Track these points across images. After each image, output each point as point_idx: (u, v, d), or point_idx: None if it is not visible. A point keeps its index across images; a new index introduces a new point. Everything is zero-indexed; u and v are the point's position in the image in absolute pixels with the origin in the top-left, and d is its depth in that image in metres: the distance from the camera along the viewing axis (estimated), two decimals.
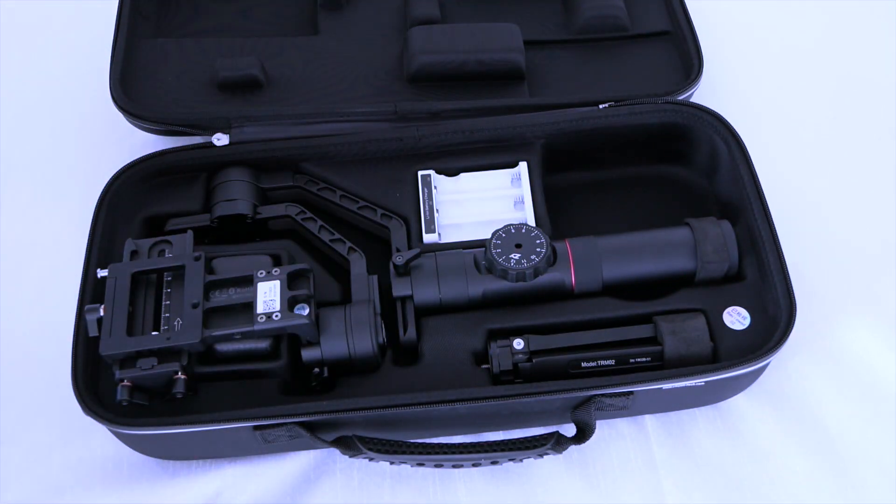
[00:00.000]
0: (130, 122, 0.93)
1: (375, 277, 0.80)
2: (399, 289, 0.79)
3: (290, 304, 0.73)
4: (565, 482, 0.78)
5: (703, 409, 0.81)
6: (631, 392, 0.73)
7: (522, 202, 0.86)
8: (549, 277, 0.79)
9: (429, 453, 0.72)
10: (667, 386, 0.73)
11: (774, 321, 0.76)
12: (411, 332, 0.78)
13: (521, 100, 0.94)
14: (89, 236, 0.82)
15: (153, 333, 0.72)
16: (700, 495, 0.77)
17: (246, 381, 0.75)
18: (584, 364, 0.75)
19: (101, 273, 0.76)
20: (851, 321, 0.86)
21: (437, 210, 0.86)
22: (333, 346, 0.75)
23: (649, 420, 0.81)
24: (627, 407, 0.76)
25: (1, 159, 0.99)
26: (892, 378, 0.82)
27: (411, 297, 0.79)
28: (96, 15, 1.07)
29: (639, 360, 0.76)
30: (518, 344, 0.75)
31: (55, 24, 1.11)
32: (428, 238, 0.84)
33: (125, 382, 0.71)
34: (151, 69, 0.96)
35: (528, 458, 0.75)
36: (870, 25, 1.09)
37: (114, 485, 0.78)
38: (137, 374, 0.71)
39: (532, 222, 0.84)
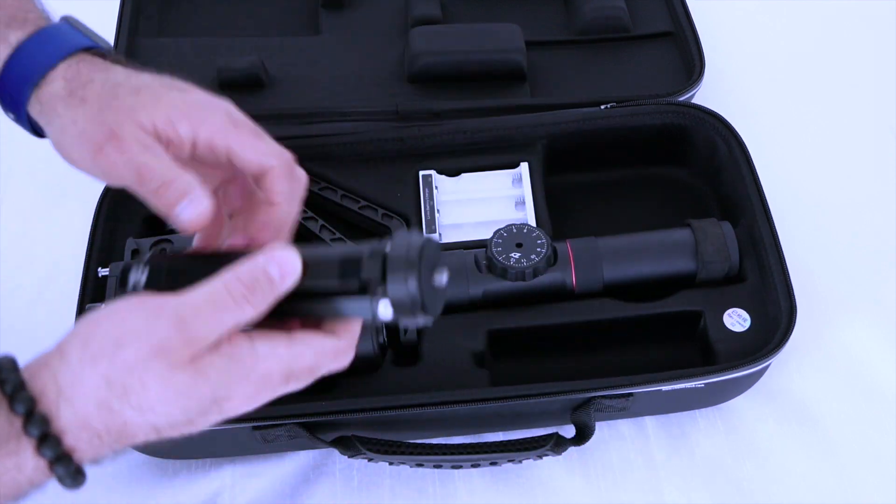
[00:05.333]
0: None
1: None
2: None
3: None
4: (565, 483, 0.78)
5: (703, 410, 0.81)
6: (630, 394, 0.73)
7: (524, 203, 0.86)
8: (549, 277, 0.78)
9: (428, 454, 0.72)
10: (666, 388, 0.73)
11: (775, 323, 0.76)
12: (412, 333, 0.78)
13: (523, 100, 0.94)
14: (90, 235, 0.82)
15: None
16: (700, 496, 0.77)
17: None
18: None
19: (103, 272, 0.76)
20: (852, 322, 0.85)
21: (438, 210, 0.86)
22: None
23: (649, 421, 0.81)
24: (627, 408, 0.76)
25: (2, 158, 0.99)
26: (893, 379, 0.82)
27: None
28: (98, 14, 1.06)
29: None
30: None
31: None
32: None
33: None
34: (153, 68, 0.96)
35: (528, 459, 0.75)
36: (871, 27, 1.09)
37: (114, 485, 0.78)
38: None
39: (533, 223, 0.84)
